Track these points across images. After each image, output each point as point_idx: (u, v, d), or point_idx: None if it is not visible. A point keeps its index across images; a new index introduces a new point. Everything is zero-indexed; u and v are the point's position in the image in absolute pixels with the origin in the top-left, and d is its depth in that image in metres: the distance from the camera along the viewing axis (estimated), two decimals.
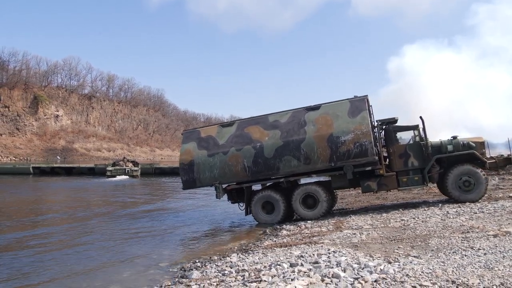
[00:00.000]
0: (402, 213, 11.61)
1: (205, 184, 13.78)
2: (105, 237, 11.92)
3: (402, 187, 12.78)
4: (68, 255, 9.83)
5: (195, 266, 8.00)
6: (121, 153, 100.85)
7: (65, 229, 13.54)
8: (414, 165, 12.59)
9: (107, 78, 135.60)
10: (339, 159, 12.37)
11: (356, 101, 12.73)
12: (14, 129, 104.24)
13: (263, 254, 7.97)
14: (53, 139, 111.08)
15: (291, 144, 12.73)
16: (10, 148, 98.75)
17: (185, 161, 13.85)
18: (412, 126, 12.99)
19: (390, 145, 12.91)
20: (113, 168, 41.94)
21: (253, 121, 13.84)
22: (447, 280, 5.13)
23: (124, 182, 35.89)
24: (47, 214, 17.68)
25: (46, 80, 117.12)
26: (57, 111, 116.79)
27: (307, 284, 5.39)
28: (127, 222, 14.36)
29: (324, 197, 12.69)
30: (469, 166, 12.14)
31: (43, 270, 8.48)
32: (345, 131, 12.33)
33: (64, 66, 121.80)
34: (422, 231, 8.71)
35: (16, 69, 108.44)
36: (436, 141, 12.86)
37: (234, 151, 13.23)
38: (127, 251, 10.10)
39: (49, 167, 49.69)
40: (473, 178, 12.01)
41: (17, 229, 13.53)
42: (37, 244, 11.15)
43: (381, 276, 5.46)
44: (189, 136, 14.33)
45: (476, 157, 12.29)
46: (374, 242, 8.15)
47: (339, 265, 6.25)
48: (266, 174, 13.09)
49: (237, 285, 5.81)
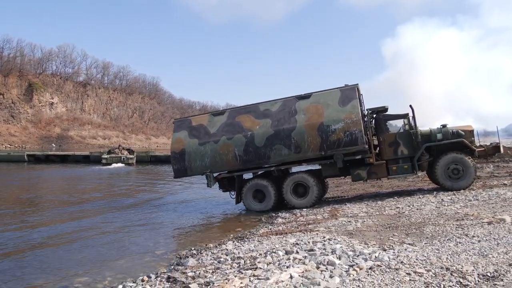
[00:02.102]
0: (397, 200, 11.65)
1: (196, 173, 13.83)
2: (101, 225, 11.91)
3: (391, 176, 12.86)
4: (62, 243, 9.80)
5: (190, 254, 8.02)
6: (117, 141, 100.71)
7: (60, 217, 13.50)
8: (403, 153, 12.65)
9: (102, 66, 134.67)
10: (329, 148, 12.39)
11: (346, 90, 12.71)
12: (9, 116, 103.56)
13: (259, 242, 7.99)
14: (48, 127, 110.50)
15: (281, 133, 12.73)
16: (5, 136, 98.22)
17: (176, 150, 13.86)
18: (402, 115, 13.04)
19: (380, 134, 12.95)
20: (109, 156, 41.88)
21: (244, 110, 13.83)
22: (442, 267, 5.15)
23: (119, 170, 35.84)
24: (40, 203, 17.65)
25: (40, 68, 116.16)
26: (52, 98, 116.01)
27: (302, 272, 5.41)
28: (122, 211, 14.34)
29: (314, 185, 12.73)
30: (454, 154, 12.23)
31: (37, 258, 8.47)
32: (335, 120, 12.34)
33: (58, 54, 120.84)
34: (417, 218, 8.75)
35: (10, 56, 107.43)
36: (426, 130, 12.92)
37: (225, 140, 13.24)
38: (123, 239, 10.09)
39: (44, 155, 49.55)
40: (461, 165, 12.12)
41: (6, 217, 13.48)
42: (31, 232, 11.12)
43: (376, 263, 5.48)
44: (180, 125, 14.32)
45: (465, 145, 12.36)
46: (369, 229, 8.19)
47: (334, 253, 6.27)
48: (257, 162, 13.12)
49: (233, 272, 5.82)
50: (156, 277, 6.38)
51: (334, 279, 5.01)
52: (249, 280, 5.25)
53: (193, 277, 5.90)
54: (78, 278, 6.99)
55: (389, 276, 4.96)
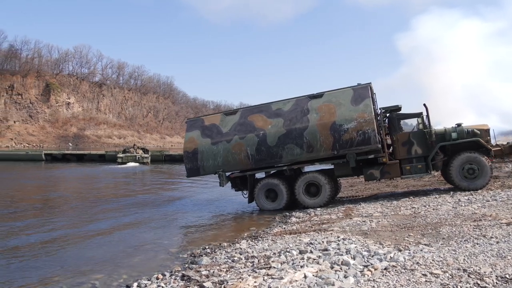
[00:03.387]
0: (413, 200, 11.52)
1: (209, 172, 13.88)
2: (116, 224, 12.01)
3: (405, 175, 12.71)
4: (79, 240, 9.93)
5: (204, 252, 8.04)
6: (132, 140, 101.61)
7: (76, 215, 13.67)
8: (417, 153, 12.52)
9: (117, 66, 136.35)
10: (342, 147, 12.32)
11: (359, 89, 12.62)
12: (27, 116, 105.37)
13: (273, 241, 7.97)
14: (65, 126, 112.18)
15: (294, 132, 12.70)
16: (24, 135, 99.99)
17: (189, 149, 13.92)
18: (415, 114, 12.90)
19: (393, 133, 12.82)
20: (124, 155, 42.20)
21: (256, 109, 13.83)
22: (459, 268, 5.08)
23: (134, 169, 36.14)
24: (58, 202, 17.88)
25: (57, 68, 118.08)
26: (69, 98, 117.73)
27: (316, 271, 5.38)
28: (137, 209, 14.46)
29: (327, 184, 12.67)
30: (468, 153, 12.05)
31: (54, 255, 8.58)
32: (348, 119, 12.26)
33: (75, 54, 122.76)
34: (433, 219, 8.63)
35: (28, 57, 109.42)
36: (440, 129, 12.75)
37: (237, 139, 13.26)
38: (137, 237, 10.18)
39: (61, 154, 50.23)
40: (476, 165, 11.93)
41: (28, 216, 13.68)
42: (48, 229, 11.27)
43: (391, 264, 5.42)
44: (193, 125, 14.38)
45: (481, 144, 12.15)
46: (384, 229, 8.10)
47: (348, 253, 6.22)
48: (269, 162, 13.12)
49: (247, 271, 5.81)
50: (171, 275, 6.41)
51: (349, 279, 4.97)
52: (263, 279, 5.24)
53: (207, 275, 5.90)
54: (94, 275, 7.06)
55: (404, 277, 4.90)
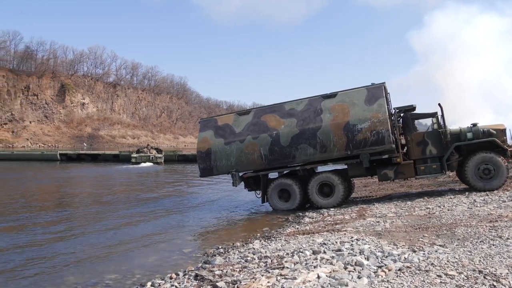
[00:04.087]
0: (427, 201, 11.41)
1: (222, 172, 13.91)
2: (130, 222, 12.12)
3: (420, 176, 12.58)
4: (94, 240, 10.03)
5: (218, 252, 8.07)
6: (145, 140, 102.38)
7: (90, 214, 13.83)
8: (432, 153, 12.39)
9: (131, 66, 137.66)
10: (355, 147, 12.25)
11: (373, 89, 12.53)
12: (43, 117, 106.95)
13: (286, 241, 7.97)
14: (79, 127, 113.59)
15: (307, 132, 12.67)
16: (39, 135, 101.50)
17: (202, 149, 13.97)
18: (430, 114, 12.77)
19: (408, 133, 12.72)
20: (138, 155, 42.51)
21: (269, 109, 13.82)
22: (474, 269, 5.01)
23: (148, 169, 36.38)
24: (72, 201, 18.12)
25: (72, 69, 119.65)
26: (83, 99, 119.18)
27: (329, 272, 5.36)
28: (151, 209, 14.56)
29: (340, 184, 12.62)
30: (484, 153, 11.89)
31: (68, 255, 8.68)
32: (361, 119, 12.18)
33: (89, 55, 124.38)
34: (448, 219, 8.54)
35: (44, 58, 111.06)
36: (455, 129, 12.62)
37: (250, 139, 13.27)
38: (151, 236, 10.25)
39: (76, 154, 50.82)
40: (492, 165, 11.76)
41: (44, 214, 13.88)
42: (63, 228, 11.43)
43: (405, 264, 5.38)
44: (206, 125, 14.43)
45: (497, 144, 11.97)
46: (398, 230, 8.04)
47: (362, 253, 6.18)
48: (282, 162, 13.10)
49: (260, 271, 5.82)
50: (184, 274, 6.45)
51: (362, 280, 4.94)
52: (276, 279, 5.24)
53: (221, 275, 5.92)
54: (108, 275, 7.14)
55: (419, 278, 4.86)
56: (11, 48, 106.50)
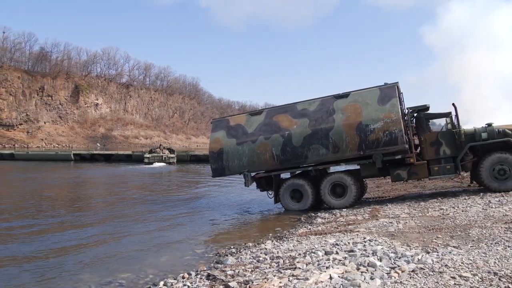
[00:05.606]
0: (441, 201, 11.30)
1: (234, 172, 13.93)
2: (142, 223, 12.20)
3: (433, 176, 12.46)
4: (107, 239, 10.13)
5: (230, 252, 8.09)
6: (158, 141, 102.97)
7: (104, 214, 13.94)
8: (446, 153, 12.26)
9: (144, 67, 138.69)
10: (368, 148, 12.17)
11: (386, 89, 12.44)
12: (57, 117, 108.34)
13: (298, 242, 7.96)
14: (93, 127, 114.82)
15: (319, 132, 12.63)
16: (54, 136, 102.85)
17: (214, 150, 14.00)
18: (444, 113, 12.65)
19: (421, 133, 12.60)
20: (151, 155, 42.76)
21: (281, 109, 13.81)
22: (489, 271, 4.96)
23: (161, 169, 36.60)
24: (87, 202, 18.31)
25: (86, 70, 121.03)
26: (97, 99, 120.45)
27: (342, 273, 5.34)
28: (164, 209, 14.65)
29: (352, 185, 12.56)
30: (499, 154, 11.72)
31: (82, 255, 8.77)
32: (374, 119, 12.10)
33: (103, 56, 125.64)
34: (462, 220, 8.45)
35: (58, 60, 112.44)
36: (470, 129, 12.47)
37: (262, 139, 13.26)
38: (164, 236, 10.31)
39: (89, 154, 51.25)
40: (507, 165, 11.58)
41: (59, 214, 14.06)
42: (76, 229, 11.54)
43: (418, 266, 5.34)
44: (219, 125, 14.47)
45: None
46: (411, 231, 7.98)
47: (375, 254, 6.15)
48: (295, 162, 13.08)
49: (272, 271, 5.82)
50: (196, 274, 6.48)
51: (375, 281, 4.91)
52: (288, 280, 5.23)
53: (233, 275, 5.94)
54: (121, 274, 7.19)
55: (432, 280, 4.82)
56: (26, 49, 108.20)
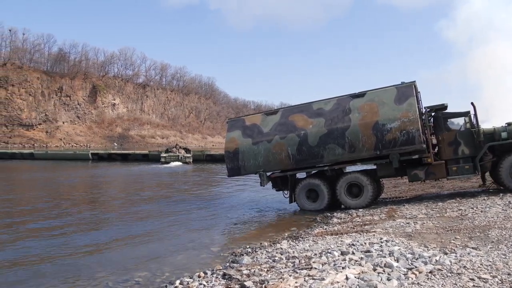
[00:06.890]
0: (460, 202, 11.13)
1: (250, 172, 13.94)
2: (159, 222, 12.28)
3: (451, 176, 12.29)
4: (125, 239, 10.22)
5: (245, 252, 8.10)
6: (174, 140, 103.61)
7: (121, 213, 14.10)
8: (464, 153, 12.07)
9: (160, 67, 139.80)
10: (384, 147, 12.06)
11: (403, 88, 12.30)
12: (75, 117, 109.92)
13: (314, 242, 7.93)
14: (110, 127, 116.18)
15: (335, 132, 12.56)
16: (72, 136, 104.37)
17: (230, 149, 14.04)
18: (462, 113, 12.44)
19: (439, 133, 12.43)
20: (167, 155, 43.09)
21: (297, 109, 13.77)
22: (509, 273, 4.87)
23: (177, 169, 36.86)
24: (104, 199, 18.54)
25: (103, 70, 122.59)
26: (114, 99, 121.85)
27: (358, 273, 5.31)
28: (180, 208, 14.74)
29: (369, 185, 12.45)
30: None
31: (99, 254, 8.91)
32: (391, 119, 11.98)
33: (120, 56, 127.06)
34: (481, 221, 8.32)
35: (76, 60, 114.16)
36: (489, 128, 12.24)
37: (278, 139, 13.24)
38: (180, 236, 10.38)
39: (107, 154, 51.96)
40: None
41: (76, 212, 14.26)
42: (93, 226, 11.72)
43: (436, 267, 5.28)
44: (234, 125, 14.50)
45: None
46: (429, 232, 7.88)
47: (391, 255, 6.10)
48: (310, 162, 13.03)
49: (288, 271, 5.81)
50: (212, 273, 6.50)
51: (392, 282, 4.87)
52: (304, 280, 5.22)
53: (248, 275, 5.95)
54: (138, 272, 7.27)
55: (450, 281, 4.76)
56: (45, 50, 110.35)
